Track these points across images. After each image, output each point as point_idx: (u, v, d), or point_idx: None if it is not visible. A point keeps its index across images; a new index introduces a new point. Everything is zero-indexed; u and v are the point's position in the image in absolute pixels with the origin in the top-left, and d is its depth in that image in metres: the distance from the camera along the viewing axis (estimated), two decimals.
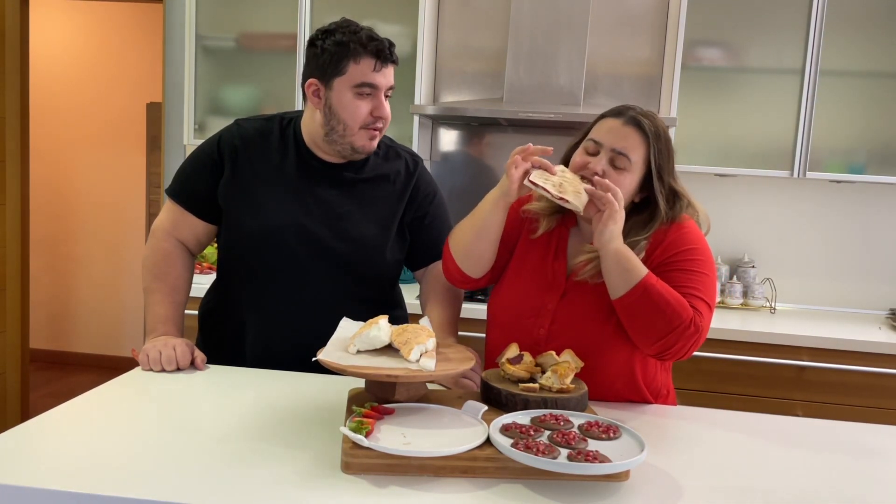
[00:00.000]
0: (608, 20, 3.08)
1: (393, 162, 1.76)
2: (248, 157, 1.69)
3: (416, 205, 1.76)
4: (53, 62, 4.79)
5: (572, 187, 1.38)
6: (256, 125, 1.72)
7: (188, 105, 3.08)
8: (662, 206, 1.45)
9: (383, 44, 1.59)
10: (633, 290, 1.35)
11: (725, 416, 1.50)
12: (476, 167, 3.24)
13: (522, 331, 1.50)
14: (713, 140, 2.82)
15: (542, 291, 1.51)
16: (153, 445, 1.17)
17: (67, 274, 4.93)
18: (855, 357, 2.49)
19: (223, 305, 1.78)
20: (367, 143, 1.64)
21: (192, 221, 1.73)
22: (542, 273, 1.53)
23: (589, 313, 1.45)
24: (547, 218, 1.55)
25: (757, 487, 1.14)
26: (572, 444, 1.13)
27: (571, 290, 1.49)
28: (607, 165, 1.43)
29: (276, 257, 1.66)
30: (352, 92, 1.59)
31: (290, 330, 1.68)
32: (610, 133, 1.45)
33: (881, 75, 2.71)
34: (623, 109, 1.48)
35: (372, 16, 2.96)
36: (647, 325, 1.37)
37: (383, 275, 1.77)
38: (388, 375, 1.23)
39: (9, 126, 3.49)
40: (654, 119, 1.47)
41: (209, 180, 1.69)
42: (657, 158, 1.44)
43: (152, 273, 1.73)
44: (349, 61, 1.58)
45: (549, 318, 1.49)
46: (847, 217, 3.04)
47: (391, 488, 1.05)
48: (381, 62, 1.59)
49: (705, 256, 1.45)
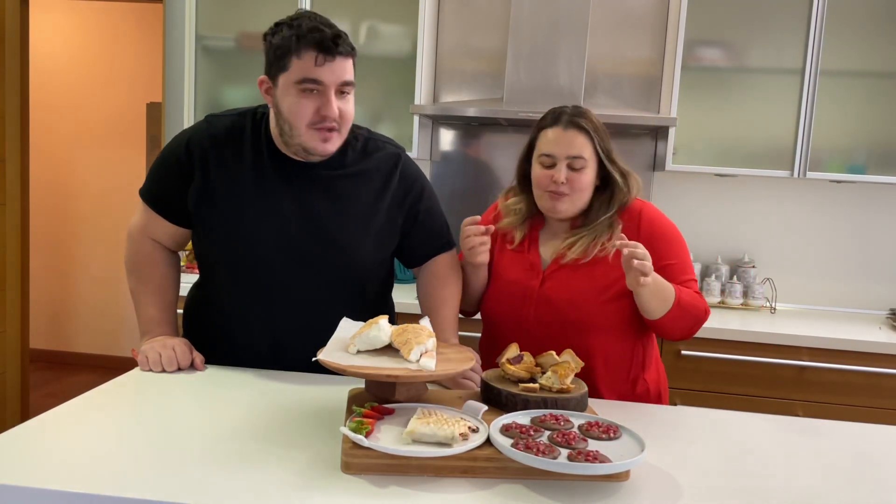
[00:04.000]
0: (608, 20, 3.08)
1: (373, 156, 1.66)
2: (219, 160, 1.58)
3: (406, 205, 1.68)
4: (53, 62, 4.79)
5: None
6: (227, 122, 1.62)
7: (188, 105, 3.08)
8: (621, 182, 1.63)
9: (325, 35, 1.44)
10: (672, 311, 1.53)
11: (725, 416, 1.50)
12: (476, 167, 3.24)
13: (512, 318, 1.65)
14: (713, 140, 2.82)
15: (523, 280, 1.66)
16: (153, 445, 1.17)
17: (67, 274, 4.93)
18: (855, 357, 2.49)
19: (206, 307, 1.72)
20: (320, 144, 1.51)
21: (164, 224, 1.65)
22: (520, 266, 1.68)
23: (569, 292, 1.60)
24: (520, 227, 1.72)
25: (757, 487, 1.14)
26: (572, 445, 1.13)
27: (549, 276, 1.64)
28: (568, 171, 1.60)
29: (254, 264, 1.59)
30: (295, 89, 1.47)
31: (275, 334, 1.63)
32: (557, 143, 1.61)
33: (881, 75, 2.71)
34: (557, 116, 1.64)
35: (372, 16, 2.96)
36: (682, 328, 1.59)
37: (367, 276, 1.68)
38: (389, 375, 1.23)
39: (9, 125, 3.49)
40: (588, 114, 1.63)
41: (179, 185, 1.60)
42: (603, 147, 1.62)
43: (135, 276, 1.69)
44: (291, 56, 1.46)
45: (533, 303, 1.63)
46: (847, 217, 3.04)
47: (391, 488, 1.05)
48: (325, 55, 1.45)
49: (679, 238, 1.66)
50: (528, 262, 1.67)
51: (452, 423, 1.13)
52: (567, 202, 1.61)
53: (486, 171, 3.23)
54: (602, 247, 1.60)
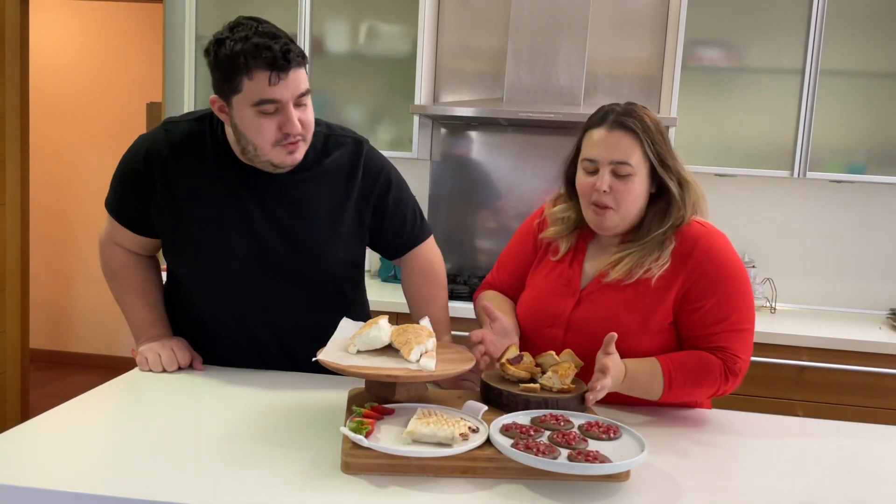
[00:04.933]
0: (608, 20, 3.08)
1: (334, 152, 1.59)
2: (179, 170, 1.52)
3: (372, 199, 1.61)
4: (53, 62, 4.78)
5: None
6: (185, 129, 1.55)
7: (188, 105, 3.08)
8: (676, 192, 1.44)
9: (275, 52, 1.35)
10: (663, 396, 1.39)
11: (726, 416, 1.50)
12: (476, 167, 3.24)
13: (539, 339, 1.51)
14: (713, 140, 2.82)
15: (557, 298, 1.51)
16: (153, 445, 1.17)
17: (67, 274, 4.93)
18: (855, 357, 2.49)
19: (178, 311, 1.68)
20: (287, 157, 1.45)
21: (131, 235, 1.61)
22: (558, 281, 1.53)
23: (604, 321, 1.42)
24: (566, 238, 1.57)
25: (757, 487, 1.14)
26: (572, 445, 1.13)
27: (586, 298, 1.49)
28: (612, 179, 1.42)
29: (224, 273, 1.55)
30: (252, 111, 1.39)
31: (252, 341, 1.61)
32: (601, 146, 1.43)
33: (881, 75, 2.71)
34: (604, 115, 1.46)
35: (372, 16, 2.95)
36: (692, 396, 1.43)
37: (341, 276, 1.64)
38: (389, 376, 1.23)
39: (9, 126, 3.49)
40: (638, 112, 1.45)
41: (141, 198, 1.55)
42: (654, 150, 1.43)
43: (115, 283, 1.66)
44: (242, 77, 1.36)
45: (563, 326, 1.48)
46: (847, 217, 3.04)
47: (391, 488, 1.05)
48: (278, 73, 1.36)
49: (736, 280, 1.42)
50: (567, 277, 1.52)
51: (452, 424, 1.13)
52: (613, 217, 1.44)
53: (486, 171, 3.23)
54: (648, 268, 1.42)
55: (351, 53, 2.95)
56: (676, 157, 1.47)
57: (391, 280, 3.10)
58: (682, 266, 1.42)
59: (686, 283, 1.42)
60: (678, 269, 1.42)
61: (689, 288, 1.42)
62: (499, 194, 3.20)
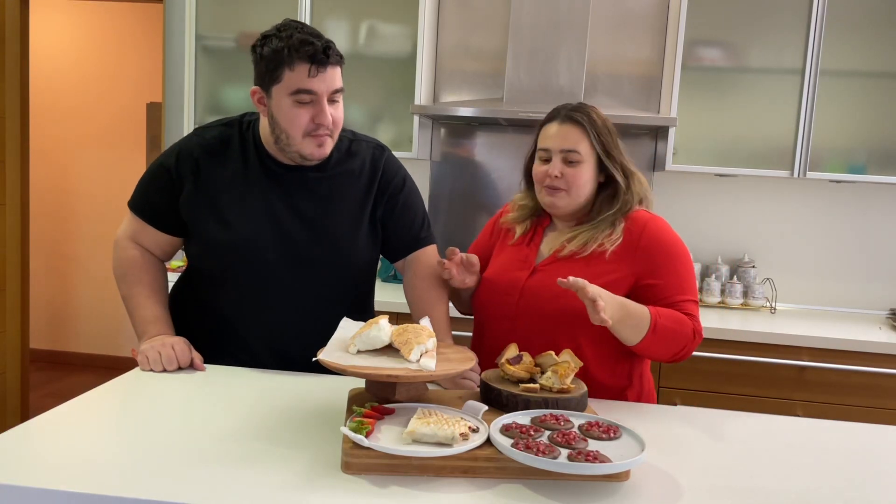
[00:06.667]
0: (608, 20, 3.08)
1: (357, 155, 1.71)
2: (210, 168, 1.63)
3: (385, 195, 1.72)
4: (53, 62, 4.79)
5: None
6: (216, 133, 1.67)
7: (188, 105, 3.08)
8: (621, 180, 1.60)
9: (317, 47, 1.50)
10: (646, 338, 1.46)
11: (725, 416, 1.50)
12: (476, 167, 3.24)
13: (496, 305, 1.64)
14: (713, 140, 2.82)
15: (514, 272, 1.65)
16: (153, 445, 1.17)
17: (67, 274, 4.93)
18: (855, 357, 2.49)
19: (194, 306, 1.73)
20: (315, 150, 1.57)
21: (154, 234, 1.69)
22: (514, 257, 1.68)
23: (555, 290, 1.48)
24: (522, 224, 1.72)
25: (757, 487, 1.14)
26: (572, 444, 1.13)
27: (541, 269, 1.62)
28: (563, 166, 1.59)
29: (248, 267, 1.63)
30: (290, 100, 1.52)
31: (272, 335, 1.66)
32: (554, 138, 1.61)
33: (881, 75, 2.71)
34: (556, 112, 1.64)
35: (372, 16, 2.96)
36: (661, 352, 1.52)
37: (359, 273, 1.74)
38: (389, 376, 1.23)
39: (9, 126, 3.49)
40: (586, 109, 1.62)
41: (169, 197, 1.64)
42: (600, 141, 1.59)
43: (127, 281, 1.69)
44: (284, 68, 1.51)
45: (517, 293, 1.60)
46: (847, 217, 3.04)
47: (391, 488, 1.05)
48: (317, 66, 1.50)
49: (680, 256, 1.58)
50: (523, 255, 1.66)
51: (453, 423, 1.13)
52: (564, 197, 1.60)
53: (486, 171, 3.23)
54: (601, 243, 1.57)
55: (351, 53, 2.94)
56: (623, 151, 1.63)
57: (391, 280, 3.11)
58: (634, 246, 1.57)
59: (639, 262, 1.55)
60: (630, 249, 1.56)
61: (642, 266, 1.55)
62: (499, 194, 3.20)
